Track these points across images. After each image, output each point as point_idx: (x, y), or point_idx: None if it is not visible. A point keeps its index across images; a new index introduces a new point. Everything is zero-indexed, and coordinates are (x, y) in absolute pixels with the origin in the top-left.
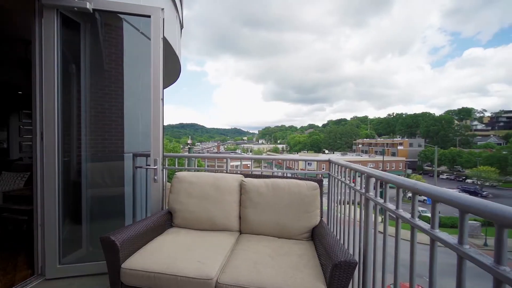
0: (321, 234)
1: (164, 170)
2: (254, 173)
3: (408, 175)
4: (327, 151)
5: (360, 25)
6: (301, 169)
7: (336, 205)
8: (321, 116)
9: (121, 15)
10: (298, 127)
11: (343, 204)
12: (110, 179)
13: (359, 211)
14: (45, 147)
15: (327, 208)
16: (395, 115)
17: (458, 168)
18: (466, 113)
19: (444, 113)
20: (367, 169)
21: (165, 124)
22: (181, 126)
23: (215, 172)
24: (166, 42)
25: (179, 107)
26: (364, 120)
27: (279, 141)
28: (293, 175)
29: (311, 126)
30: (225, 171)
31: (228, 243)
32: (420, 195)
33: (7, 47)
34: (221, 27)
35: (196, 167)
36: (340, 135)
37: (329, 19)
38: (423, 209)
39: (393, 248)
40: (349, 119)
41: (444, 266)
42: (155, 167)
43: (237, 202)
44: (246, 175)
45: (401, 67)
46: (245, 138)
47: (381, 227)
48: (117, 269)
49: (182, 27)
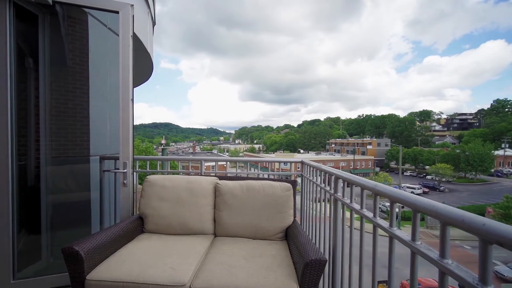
0: (294, 234)
1: (135, 173)
2: (229, 174)
3: (377, 172)
4: (302, 151)
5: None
6: (276, 169)
7: (308, 204)
8: (296, 116)
9: (86, 9)
10: (275, 127)
11: (315, 204)
12: (75, 183)
13: (329, 210)
14: None
15: (300, 208)
16: (364, 116)
17: (423, 166)
18: (426, 115)
19: (407, 115)
20: (335, 171)
21: (138, 123)
22: (155, 125)
23: (189, 175)
24: (136, 39)
25: (152, 105)
26: (337, 120)
27: (255, 141)
28: (268, 176)
29: (287, 126)
30: (200, 173)
31: (202, 247)
32: (380, 195)
33: None
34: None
35: (170, 169)
36: (314, 135)
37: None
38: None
39: (363, 245)
40: (322, 119)
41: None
42: (124, 170)
43: (211, 205)
44: (221, 178)
45: (369, 71)
46: (221, 138)
47: (356, 225)
48: (81, 281)
49: (154, 23)
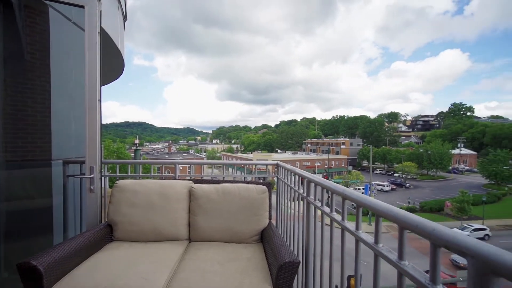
0: (269, 236)
1: (103, 178)
2: (206, 177)
3: (350, 171)
4: (279, 151)
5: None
6: (254, 169)
7: (284, 206)
8: (273, 116)
9: (46, 1)
10: (252, 127)
11: (292, 202)
12: (34, 190)
13: (303, 212)
14: None
15: (276, 209)
16: (338, 117)
17: (391, 164)
18: (393, 116)
19: (377, 116)
20: (308, 174)
21: (109, 122)
22: (127, 124)
23: (163, 179)
24: (105, 35)
25: (124, 104)
26: (313, 121)
27: (233, 141)
28: (244, 179)
29: (264, 126)
30: (175, 177)
31: (175, 254)
32: (348, 200)
33: None
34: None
35: (142, 173)
36: (291, 135)
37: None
38: None
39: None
40: (299, 120)
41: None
42: (91, 175)
43: (186, 209)
44: (196, 181)
45: (343, 74)
46: (198, 138)
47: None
48: None
49: (125, 19)
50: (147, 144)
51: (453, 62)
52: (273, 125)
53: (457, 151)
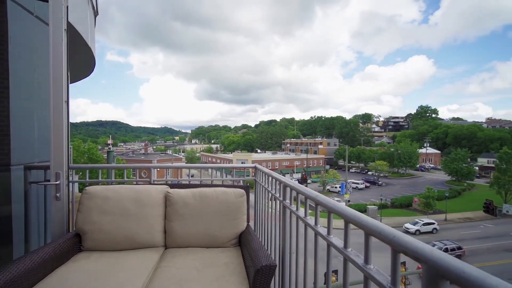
0: (247, 240)
1: (71, 184)
2: (184, 181)
3: (327, 170)
4: (259, 150)
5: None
6: (234, 169)
7: (262, 209)
8: (253, 116)
9: None
10: (232, 127)
11: (271, 202)
12: None
13: (279, 215)
14: None
15: (254, 212)
16: (316, 117)
17: (365, 163)
18: (367, 118)
19: (352, 117)
20: (284, 179)
21: (79, 121)
22: (100, 123)
23: (137, 183)
24: (73, 31)
25: (96, 101)
26: (292, 121)
27: (213, 141)
28: (222, 182)
29: (244, 126)
30: (150, 181)
31: (150, 262)
32: (320, 205)
33: None
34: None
35: (115, 178)
36: (271, 135)
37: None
38: (338, 199)
39: (308, 247)
40: (278, 120)
41: (357, 245)
42: (57, 182)
43: (161, 215)
44: (172, 186)
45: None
46: (177, 137)
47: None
48: None
49: (96, 13)
50: (122, 144)
51: (420, 67)
52: (253, 125)
53: (423, 150)
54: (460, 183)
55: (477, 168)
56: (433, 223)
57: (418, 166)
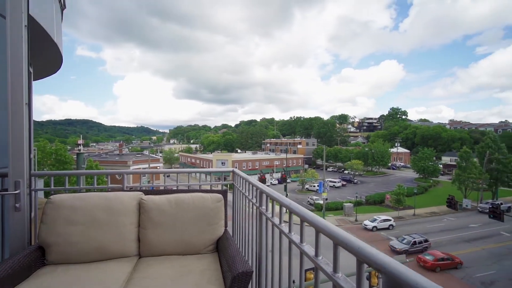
0: (224, 246)
1: (34, 193)
2: (161, 186)
3: (306, 169)
4: (239, 150)
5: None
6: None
7: (240, 214)
8: (233, 116)
9: None
10: (212, 126)
11: (246, 213)
12: None
13: (255, 221)
14: None
15: (232, 217)
16: (295, 118)
17: (342, 162)
18: (343, 118)
19: (329, 118)
20: (260, 185)
21: (45, 119)
22: (69, 122)
23: (109, 190)
24: (36, 25)
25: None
26: (271, 121)
27: (192, 141)
28: (200, 187)
29: (224, 126)
30: (123, 188)
31: (123, 273)
32: (293, 213)
33: None
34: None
35: (83, 185)
36: (251, 135)
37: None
38: (316, 197)
39: (283, 252)
40: (259, 120)
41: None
42: (16, 191)
43: (135, 223)
44: (147, 192)
45: (299, 77)
46: (154, 137)
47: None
48: None
49: (63, 7)
50: (94, 144)
51: (392, 71)
52: (233, 125)
53: (394, 149)
54: (427, 180)
55: (441, 166)
56: (390, 220)
57: (390, 164)
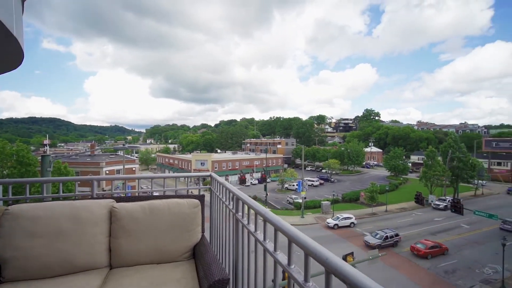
0: (201, 252)
1: None
2: (131, 191)
3: (285, 169)
4: (219, 150)
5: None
6: (194, 170)
7: (217, 219)
8: (213, 116)
9: None
10: (191, 126)
11: (223, 219)
12: None
13: (232, 228)
14: None
15: (210, 222)
16: (275, 118)
17: (320, 162)
18: (321, 119)
19: (308, 118)
20: (237, 191)
21: (5, 117)
22: (33, 120)
23: (76, 198)
24: None
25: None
26: (252, 121)
27: (170, 141)
28: (176, 193)
29: (204, 126)
30: (92, 195)
31: (91, 287)
32: (267, 222)
33: None
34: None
35: (47, 194)
36: (231, 135)
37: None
38: (295, 196)
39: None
40: (239, 120)
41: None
42: None
43: (105, 233)
44: (119, 199)
45: (278, 77)
46: (129, 137)
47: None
48: None
49: None
50: (62, 144)
51: (366, 74)
52: (213, 125)
53: (368, 149)
54: (397, 177)
55: (410, 164)
56: (351, 218)
57: (364, 163)
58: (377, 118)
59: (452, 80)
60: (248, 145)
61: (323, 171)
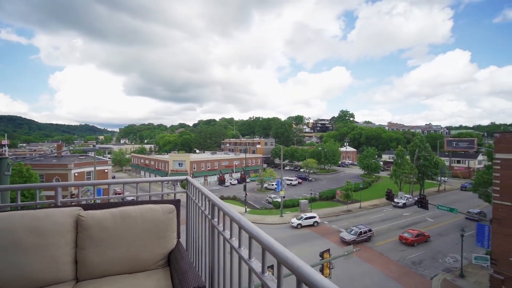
0: (176, 259)
1: None
2: (101, 198)
3: (264, 169)
4: (198, 151)
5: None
6: (172, 170)
7: (193, 225)
8: (192, 115)
9: None
10: (168, 126)
11: (199, 225)
12: None
13: (207, 234)
14: None
15: (186, 228)
16: (254, 118)
17: (298, 161)
18: (299, 119)
19: (286, 118)
20: (213, 197)
21: None
22: None
23: (38, 207)
24: None
25: None
26: (231, 121)
27: (146, 141)
28: (150, 198)
29: (182, 125)
30: (55, 203)
31: None
32: (242, 229)
33: None
34: None
35: (3, 203)
36: (210, 135)
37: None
38: (274, 195)
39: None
40: (218, 120)
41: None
42: None
43: (71, 243)
44: (86, 207)
45: (258, 78)
46: (101, 137)
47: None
48: None
49: None
50: (24, 145)
51: (341, 77)
52: (191, 125)
53: (344, 148)
54: (370, 176)
55: (382, 163)
56: (314, 217)
57: (340, 162)
58: (351, 119)
59: (418, 84)
60: (227, 145)
61: (301, 170)
